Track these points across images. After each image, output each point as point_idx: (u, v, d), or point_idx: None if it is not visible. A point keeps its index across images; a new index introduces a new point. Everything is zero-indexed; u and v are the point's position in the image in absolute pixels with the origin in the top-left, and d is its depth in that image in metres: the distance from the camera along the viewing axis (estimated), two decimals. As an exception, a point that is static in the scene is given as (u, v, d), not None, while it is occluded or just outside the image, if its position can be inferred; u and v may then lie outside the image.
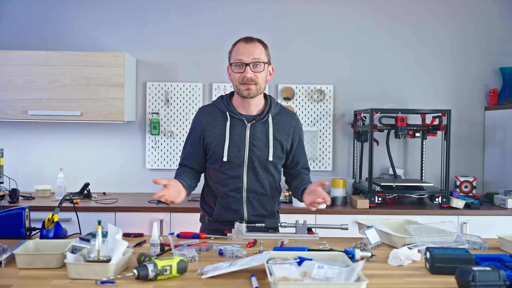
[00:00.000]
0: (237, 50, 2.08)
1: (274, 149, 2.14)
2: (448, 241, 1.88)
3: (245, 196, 2.15)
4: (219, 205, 2.17)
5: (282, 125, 2.17)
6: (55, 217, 1.96)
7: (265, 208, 2.19)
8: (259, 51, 2.07)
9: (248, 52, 2.05)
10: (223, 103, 2.17)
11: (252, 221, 2.17)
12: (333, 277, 1.39)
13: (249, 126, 2.12)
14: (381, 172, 3.73)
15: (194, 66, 3.72)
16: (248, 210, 2.17)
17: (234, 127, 2.12)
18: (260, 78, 2.07)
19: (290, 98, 3.70)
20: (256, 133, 2.12)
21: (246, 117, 2.13)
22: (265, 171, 2.16)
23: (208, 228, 2.24)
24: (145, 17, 3.71)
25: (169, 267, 1.48)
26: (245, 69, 2.04)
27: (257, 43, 2.10)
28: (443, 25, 3.77)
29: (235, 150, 2.11)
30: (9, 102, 3.33)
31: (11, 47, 3.59)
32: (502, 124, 3.58)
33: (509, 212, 3.14)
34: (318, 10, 3.74)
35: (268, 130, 2.13)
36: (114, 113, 3.34)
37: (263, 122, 2.14)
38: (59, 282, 1.44)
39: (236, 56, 2.07)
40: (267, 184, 2.18)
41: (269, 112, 2.15)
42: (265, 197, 2.19)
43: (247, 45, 2.07)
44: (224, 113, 2.15)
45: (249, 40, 2.09)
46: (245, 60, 2.04)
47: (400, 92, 3.76)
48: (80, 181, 3.58)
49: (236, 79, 2.07)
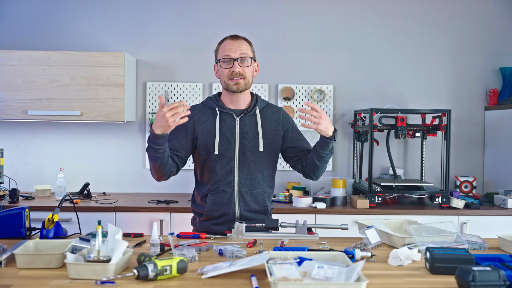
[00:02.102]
0: (224, 46, 2.15)
1: (264, 140, 2.18)
2: (448, 241, 1.88)
3: (237, 190, 2.16)
4: (210, 201, 2.17)
5: (269, 116, 2.23)
6: (55, 217, 1.96)
7: (257, 203, 2.19)
8: (245, 47, 2.16)
9: (235, 48, 2.13)
10: (212, 100, 2.22)
11: (244, 217, 2.17)
12: (333, 277, 1.39)
13: (238, 119, 2.17)
14: (381, 172, 3.73)
15: (194, 66, 3.72)
16: (240, 205, 2.17)
17: (224, 121, 2.17)
18: (247, 73, 2.15)
19: (290, 98, 3.70)
20: (245, 126, 2.17)
21: (235, 111, 2.19)
22: (257, 163, 2.17)
23: (199, 230, 2.23)
24: (145, 17, 3.71)
25: (169, 267, 1.48)
26: (233, 64, 2.12)
27: (243, 40, 2.18)
28: (443, 25, 3.77)
29: (226, 144, 2.15)
30: (9, 102, 3.33)
31: (11, 47, 3.59)
32: (502, 124, 3.58)
33: (509, 212, 3.14)
34: (318, 10, 3.74)
35: (257, 122, 2.19)
36: (114, 113, 3.34)
37: (251, 115, 2.20)
38: (59, 282, 1.44)
39: (224, 52, 2.14)
40: (260, 177, 2.19)
41: (256, 105, 2.21)
42: (257, 191, 2.19)
43: (233, 42, 2.15)
44: (214, 109, 2.19)
45: (235, 37, 2.17)
46: (233, 56, 2.12)
47: (400, 92, 3.77)
48: (80, 181, 3.58)
49: (225, 74, 2.14)
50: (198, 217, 2.24)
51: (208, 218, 2.19)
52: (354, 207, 3.17)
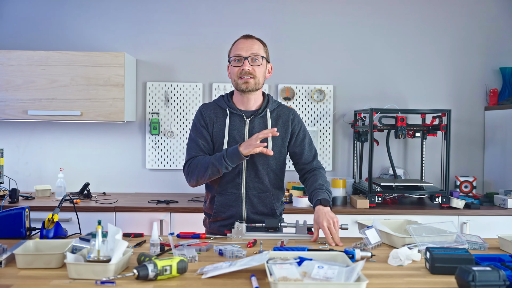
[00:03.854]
0: (236, 46, 2.14)
1: (273, 143, 2.16)
2: (448, 241, 1.88)
3: (244, 192, 2.15)
4: (218, 203, 2.17)
5: (280, 118, 2.19)
6: (55, 217, 1.96)
7: (265, 206, 2.18)
8: (258, 46, 2.14)
9: (247, 47, 2.11)
10: (224, 100, 2.20)
11: (252, 219, 2.16)
12: (333, 277, 1.39)
13: (248, 121, 2.14)
14: (381, 172, 3.73)
15: (194, 66, 3.72)
16: (247, 207, 2.16)
17: (234, 123, 2.14)
18: (258, 73, 2.11)
19: (290, 98, 3.70)
20: (254, 128, 2.14)
21: (245, 112, 2.16)
22: (265, 166, 2.16)
23: (208, 232, 2.24)
24: (145, 17, 3.71)
25: (169, 267, 1.48)
26: (243, 63, 2.10)
27: (256, 40, 2.16)
28: (443, 25, 3.77)
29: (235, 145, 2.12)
30: (9, 102, 3.33)
31: (11, 47, 3.59)
32: (502, 124, 3.58)
33: (509, 212, 3.14)
34: (318, 10, 3.74)
35: (267, 124, 2.16)
36: (114, 113, 3.34)
37: (261, 117, 2.17)
38: (59, 282, 1.44)
39: (235, 51, 2.13)
40: (267, 180, 2.17)
41: (267, 107, 2.18)
42: (265, 194, 2.18)
43: (246, 41, 2.13)
44: (224, 109, 2.17)
45: (248, 36, 2.16)
46: (243, 54, 2.10)
47: (400, 92, 3.76)
48: (80, 181, 3.58)
49: (235, 73, 2.12)
50: (208, 218, 2.25)
51: (216, 219, 2.19)
52: (354, 207, 3.17)
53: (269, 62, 2.20)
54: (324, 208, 2.00)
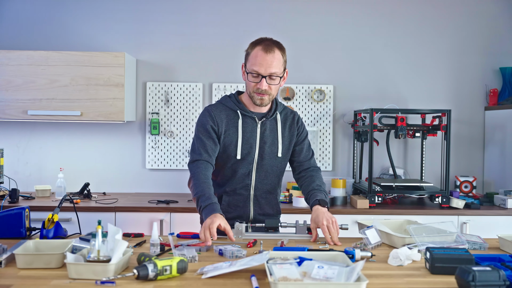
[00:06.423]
0: (255, 59, 2.03)
1: (282, 146, 2.17)
2: (448, 241, 1.88)
3: (253, 194, 2.17)
4: (225, 202, 2.17)
5: (287, 121, 2.21)
6: (55, 217, 1.96)
7: (271, 207, 2.21)
8: (277, 63, 2.03)
9: (266, 64, 2.01)
10: (232, 101, 2.16)
11: (258, 220, 2.17)
12: (333, 277, 1.39)
13: (259, 123, 2.14)
14: (381, 172, 3.73)
15: (194, 66, 3.72)
16: (255, 209, 2.18)
17: (246, 125, 2.14)
18: (273, 89, 2.08)
19: (290, 98, 3.70)
20: (266, 130, 2.15)
21: (256, 114, 2.15)
22: (274, 168, 2.18)
23: None
24: (145, 17, 3.71)
25: (169, 267, 1.48)
26: (261, 81, 2.03)
27: (277, 51, 2.04)
28: (443, 25, 3.77)
29: (248, 148, 2.12)
30: (9, 102, 3.33)
31: (11, 47, 3.59)
32: (502, 124, 3.58)
33: (509, 212, 3.14)
34: (318, 10, 3.74)
35: (277, 127, 2.17)
36: (114, 113, 3.34)
37: (272, 119, 2.17)
38: (59, 282, 1.44)
39: (253, 67, 2.03)
40: (276, 182, 2.20)
41: (277, 110, 2.18)
42: (271, 195, 2.21)
43: (266, 56, 2.01)
44: (235, 111, 2.14)
45: (268, 49, 2.02)
46: (262, 73, 2.02)
47: (400, 92, 3.76)
48: (80, 181, 3.58)
49: (251, 87, 2.06)
50: None
51: None
52: (354, 207, 3.17)
53: (285, 69, 2.12)
54: (323, 208, 2.04)
